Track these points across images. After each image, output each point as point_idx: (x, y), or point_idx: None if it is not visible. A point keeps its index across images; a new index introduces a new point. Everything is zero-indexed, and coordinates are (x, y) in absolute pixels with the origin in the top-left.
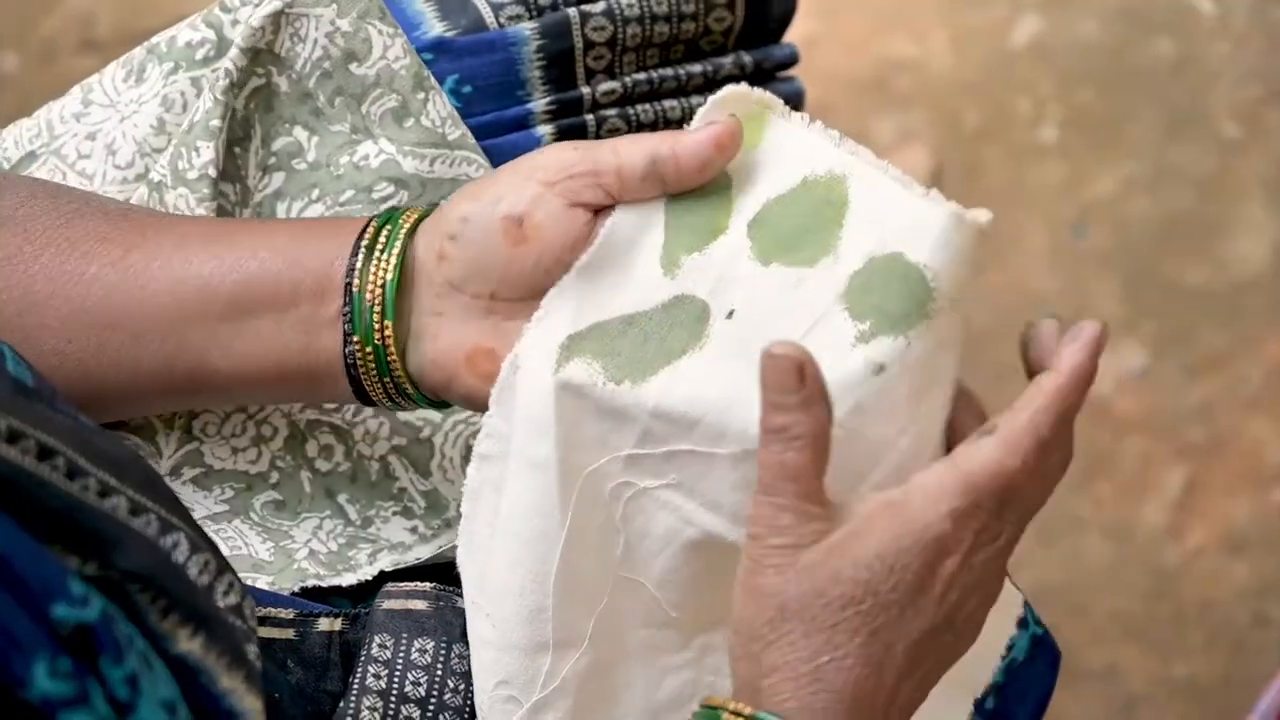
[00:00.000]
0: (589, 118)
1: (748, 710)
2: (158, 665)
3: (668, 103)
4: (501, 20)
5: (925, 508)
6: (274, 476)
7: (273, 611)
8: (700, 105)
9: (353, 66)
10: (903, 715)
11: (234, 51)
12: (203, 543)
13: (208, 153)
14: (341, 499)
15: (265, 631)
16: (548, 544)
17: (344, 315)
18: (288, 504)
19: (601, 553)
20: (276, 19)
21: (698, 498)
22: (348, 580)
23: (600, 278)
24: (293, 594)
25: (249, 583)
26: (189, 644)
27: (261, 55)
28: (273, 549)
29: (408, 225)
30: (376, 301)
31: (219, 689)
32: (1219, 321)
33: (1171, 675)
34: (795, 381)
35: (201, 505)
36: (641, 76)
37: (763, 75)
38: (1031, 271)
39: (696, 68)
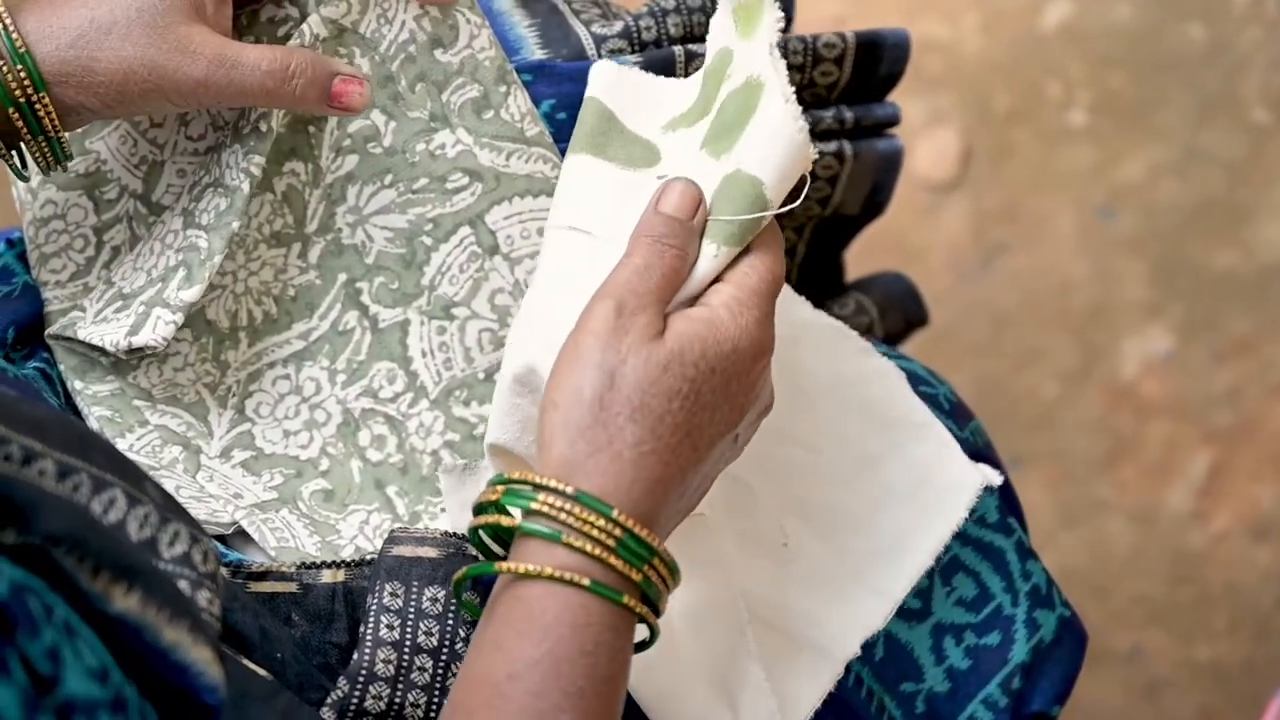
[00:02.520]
0: None
1: (569, 488)
2: (84, 632)
3: None
4: (603, 52)
5: (734, 319)
6: (324, 463)
7: (273, 566)
8: None
9: (437, 52)
10: (682, 516)
11: (315, 18)
12: (144, 495)
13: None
14: (390, 491)
15: (268, 586)
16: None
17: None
18: (336, 493)
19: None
20: None
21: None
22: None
23: (635, 103)
24: None
25: None
26: (125, 601)
27: (346, 35)
28: (319, 544)
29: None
30: (40, 160)
31: (164, 643)
32: (1246, 306)
33: (1195, 658)
34: (692, 209)
35: (250, 492)
36: None
37: (862, 132)
38: (1059, 254)
39: None
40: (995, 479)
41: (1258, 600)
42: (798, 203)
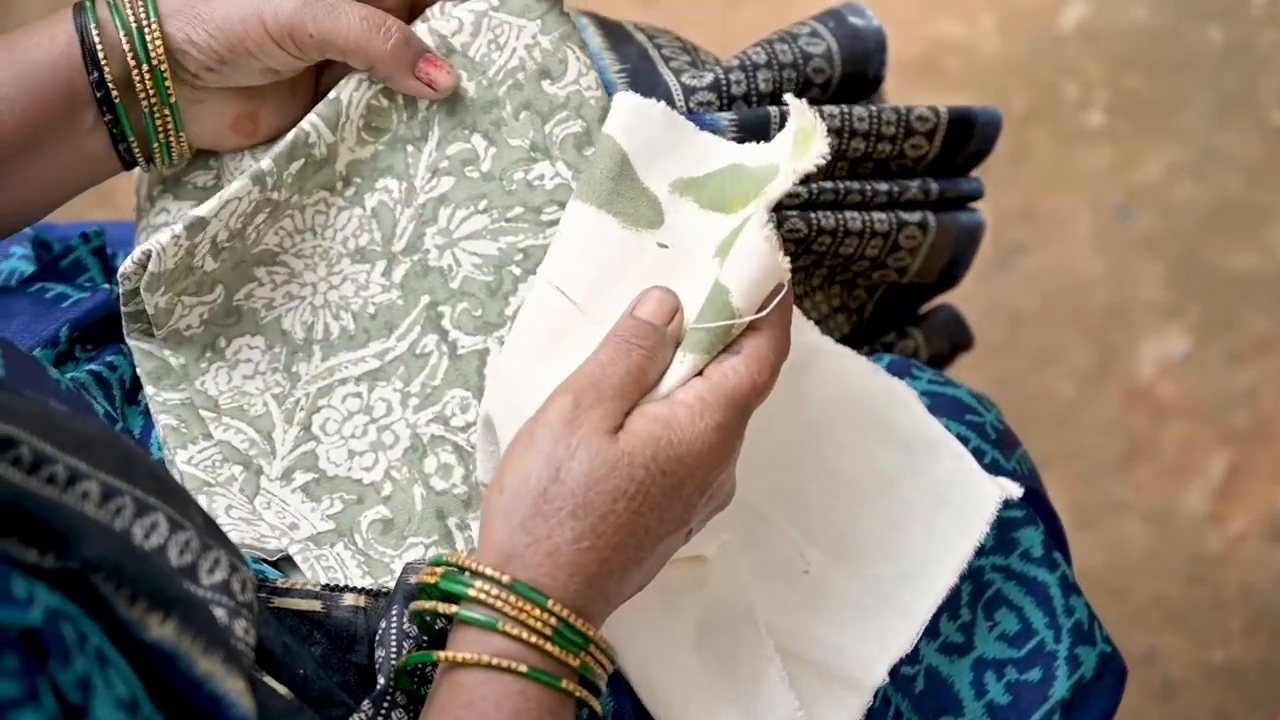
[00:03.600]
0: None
1: (505, 578)
2: (116, 661)
3: (849, 214)
4: (691, 104)
5: (692, 421)
6: (387, 488)
7: (298, 583)
8: (880, 221)
9: (545, 83)
10: (623, 600)
11: (424, 28)
12: (187, 520)
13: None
14: (451, 523)
15: (292, 603)
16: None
17: (108, 125)
18: (396, 522)
19: None
20: (479, 20)
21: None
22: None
23: (651, 151)
24: None
25: None
26: (160, 630)
27: (454, 56)
28: (371, 584)
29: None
30: (146, 107)
31: (198, 673)
32: (1264, 307)
33: (1210, 660)
34: (667, 316)
35: (307, 521)
36: (828, 185)
37: (946, 204)
38: (1076, 255)
39: (882, 186)
40: (1015, 491)
41: (1274, 602)
42: (768, 311)
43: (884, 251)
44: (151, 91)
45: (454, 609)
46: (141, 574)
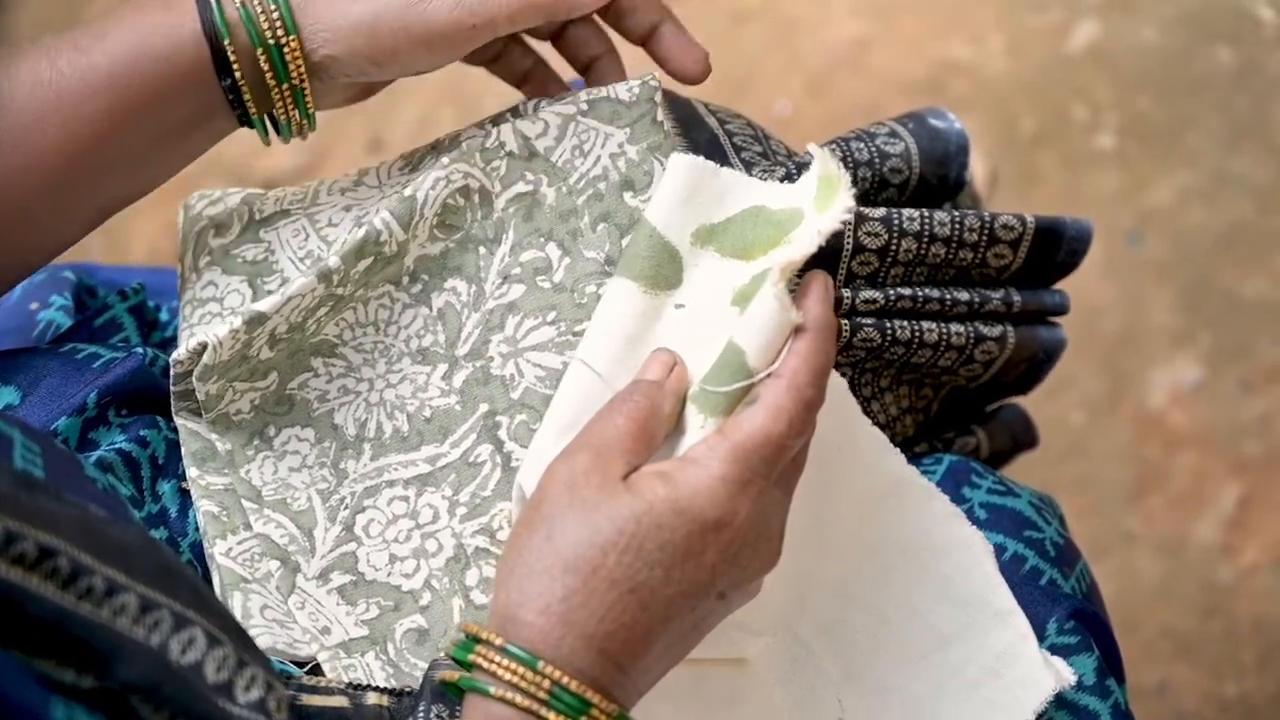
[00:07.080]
0: (844, 322)
1: (498, 640)
2: None
3: (925, 324)
4: None
5: (696, 474)
6: (425, 597)
7: (323, 680)
8: (958, 335)
9: (627, 195)
10: (651, 671)
11: (509, 128)
12: (224, 635)
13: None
14: None
15: (319, 699)
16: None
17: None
18: (431, 634)
19: None
20: (565, 124)
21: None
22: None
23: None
24: None
25: None
26: None
27: (536, 159)
28: (396, 686)
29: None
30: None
31: None
32: (1276, 335)
33: (1223, 693)
34: (665, 372)
35: (339, 626)
36: (906, 292)
37: (1029, 317)
38: (1086, 280)
39: (963, 295)
40: (1069, 678)
41: None
42: (779, 364)
43: (957, 364)
44: (290, 103)
45: (454, 677)
46: (179, 695)
